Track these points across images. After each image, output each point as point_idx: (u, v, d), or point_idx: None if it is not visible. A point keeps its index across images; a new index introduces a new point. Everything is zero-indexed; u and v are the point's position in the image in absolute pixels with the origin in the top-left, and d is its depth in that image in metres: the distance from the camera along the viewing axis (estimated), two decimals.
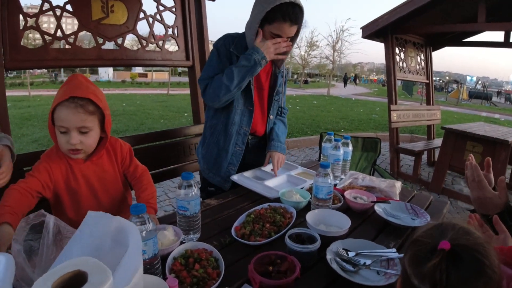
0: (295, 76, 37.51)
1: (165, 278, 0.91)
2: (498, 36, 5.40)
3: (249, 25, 1.70)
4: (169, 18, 2.57)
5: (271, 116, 1.95)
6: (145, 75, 28.22)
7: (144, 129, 7.51)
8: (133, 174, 1.48)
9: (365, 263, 1.09)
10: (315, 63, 33.54)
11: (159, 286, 0.83)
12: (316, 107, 13.77)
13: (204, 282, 0.94)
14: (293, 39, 1.73)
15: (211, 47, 2.32)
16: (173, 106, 11.60)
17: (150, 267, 0.93)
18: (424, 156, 5.89)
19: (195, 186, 1.16)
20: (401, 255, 1.10)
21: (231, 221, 1.33)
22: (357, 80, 47.56)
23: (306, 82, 35.68)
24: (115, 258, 0.67)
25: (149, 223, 0.91)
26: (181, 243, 1.13)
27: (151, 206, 1.37)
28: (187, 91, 3.07)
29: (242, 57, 1.65)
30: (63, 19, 2.04)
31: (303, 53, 27.58)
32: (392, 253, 1.12)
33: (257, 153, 1.95)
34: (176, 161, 2.49)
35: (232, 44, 1.74)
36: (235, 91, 1.66)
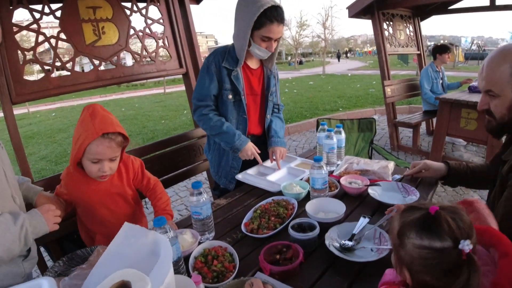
0: (289, 58, 37.21)
1: (189, 276, 1.08)
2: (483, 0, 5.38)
3: (237, 35, 1.81)
4: (158, 29, 2.69)
5: (268, 116, 2.07)
6: None
7: (147, 132, 7.61)
8: (147, 187, 1.63)
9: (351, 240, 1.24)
10: (307, 42, 33.37)
11: (186, 283, 0.99)
12: (313, 88, 13.81)
13: (223, 275, 1.10)
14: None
15: (202, 52, 2.43)
16: (172, 105, 11.70)
17: (176, 268, 1.09)
18: (424, 126, 5.98)
19: (204, 192, 1.31)
20: (368, 219, 1.30)
21: (240, 217, 1.49)
22: (347, 54, 53.04)
23: (300, 62, 35.54)
24: (151, 266, 0.83)
25: (170, 231, 1.06)
26: (199, 243, 1.29)
27: (167, 213, 1.54)
28: (183, 88, 3.19)
29: (228, 137, 1.85)
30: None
31: (294, 33, 27.45)
32: (362, 223, 1.29)
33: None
34: (185, 164, 2.65)
35: (222, 59, 1.85)
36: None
